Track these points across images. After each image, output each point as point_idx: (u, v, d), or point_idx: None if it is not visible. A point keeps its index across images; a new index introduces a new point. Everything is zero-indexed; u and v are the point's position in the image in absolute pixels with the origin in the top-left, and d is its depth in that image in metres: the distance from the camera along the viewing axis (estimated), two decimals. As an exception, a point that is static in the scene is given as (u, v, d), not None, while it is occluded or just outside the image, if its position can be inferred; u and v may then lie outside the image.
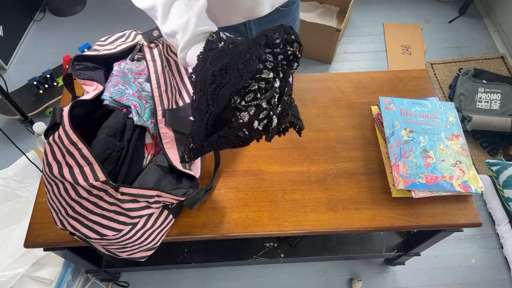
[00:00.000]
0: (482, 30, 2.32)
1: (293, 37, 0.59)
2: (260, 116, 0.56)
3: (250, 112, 0.55)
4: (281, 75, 0.59)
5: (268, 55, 0.58)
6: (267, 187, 0.94)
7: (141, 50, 0.83)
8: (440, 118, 1.00)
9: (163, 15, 0.63)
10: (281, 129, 0.60)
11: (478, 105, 1.88)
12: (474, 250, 1.58)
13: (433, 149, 0.94)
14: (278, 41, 0.58)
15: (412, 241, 1.25)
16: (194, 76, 0.58)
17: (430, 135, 0.96)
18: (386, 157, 0.98)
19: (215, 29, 0.63)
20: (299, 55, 0.60)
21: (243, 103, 0.55)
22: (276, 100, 0.57)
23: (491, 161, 1.62)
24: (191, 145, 0.59)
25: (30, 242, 0.87)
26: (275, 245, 1.31)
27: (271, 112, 0.56)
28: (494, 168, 1.59)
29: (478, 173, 1.73)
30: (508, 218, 1.56)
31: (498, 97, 1.88)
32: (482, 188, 0.91)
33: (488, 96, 1.89)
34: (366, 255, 1.32)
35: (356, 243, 1.31)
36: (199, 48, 0.61)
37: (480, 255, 1.56)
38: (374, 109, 1.07)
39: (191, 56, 0.62)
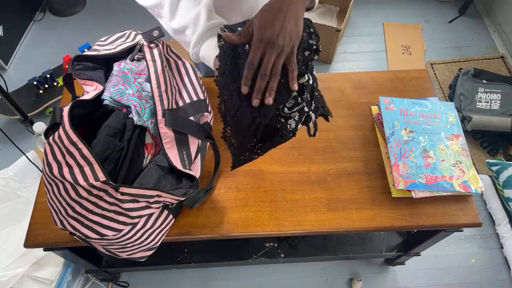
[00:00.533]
0: (482, 30, 2.32)
1: (311, 29, 0.59)
2: (302, 119, 0.58)
3: (295, 118, 0.57)
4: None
5: (299, 55, 0.58)
6: (267, 187, 0.94)
7: (141, 50, 0.83)
8: (440, 118, 1.00)
9: (171, 10, 0.62)
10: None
11: (478, 105, 1.88)
12: (474, 250, 1.58)
13: (433, 149, 0.94)
14: (305, 36, 0.59)
15: (412, 241, 1.25)
16: (220, 79, 0.58)
17: (430, 135, 0.96)
18: (386, 157, 0.98)
19: (225, 22, 0.63)
20: (320, 48, 0.61)
21: (286, 110, 0.57)
22: (309, 96, 0.59)
23: (491, 161, 1.62)
24: (242, 155, 0.60)
25: (30, 242, 0.87)
26: (275, 245, 1.31)
27: (309, 111, 0.59)
28: (494, 168, 1.59)
29: (478, 173, 1.73)
30: (508, 218, 1.56)
31: (498, 97, 1.88)
32: (482, 188, 0.91)
33: (488, 96, 1.89)
34: (366, 255, 1.32)
35: (356, 243, 1.31)
36: (212, 42, 0.60)
37: (480, 255, 1.56)
38: (374, 109, 1.07)
39: (205, 51, 0.62)
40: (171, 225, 0.86)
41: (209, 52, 0.60)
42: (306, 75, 0.57)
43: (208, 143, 0.94)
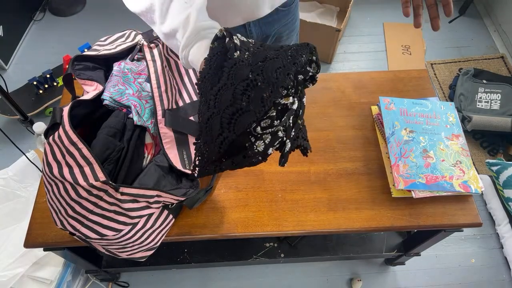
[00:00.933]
0: (482, 30, 2.32)
1: (314, 58, 0.56)
2: (275, 144, 0.54)
3: (266, 141, 0.53)
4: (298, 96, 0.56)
5: (291, 75, 0.54)
6: (267, 187, 0.94)
7: (141, 50, 0.83)
8: (440, 118, 1.00)
9: (161, 14, 0.60)
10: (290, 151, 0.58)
11: (478, 105, 1.88)
12: (474, 250, 1.58)
13: (433, 149, 0.94)
14: (303, 60, 0.54)
15: (412, 241, 1.25)
16: (200, 83, 0.55)
17: (430, 135, 0.96)
18: (386, 157, 0.98)
19: (217, 25, 0.61)
20: (317, 77, 0.57)
21: (258, 129, 0.52)
22: (291, 121, 0.54)
23: (491, 161, 1.62)
24: (204, 166, 0.56)
25: (30, 242, 0.87)
26: (275, 245, 1.31)
27: (285, 138, 0.54)
28: (494, 168, 1.59)
29: (478, 173, 1.73)
30: (508, 218, 1.56)
31: (498, 97, 1.89)
32: (482, 188, 0.91)
33: (488, 96, 1.89)
34: (366, 255, 1.32)
35: (356, 243, 1.31)
36: (202, 44, 0.58)
37: (480, 255, 1.56)
38: (374, 109, 1.07)
39: (194, 54, 0.59)
40: (171, 225, 0.86)
41: (199, 56, 0.57)
42: (291, 98, 0.53)
43: (208, 143, 0.94)
